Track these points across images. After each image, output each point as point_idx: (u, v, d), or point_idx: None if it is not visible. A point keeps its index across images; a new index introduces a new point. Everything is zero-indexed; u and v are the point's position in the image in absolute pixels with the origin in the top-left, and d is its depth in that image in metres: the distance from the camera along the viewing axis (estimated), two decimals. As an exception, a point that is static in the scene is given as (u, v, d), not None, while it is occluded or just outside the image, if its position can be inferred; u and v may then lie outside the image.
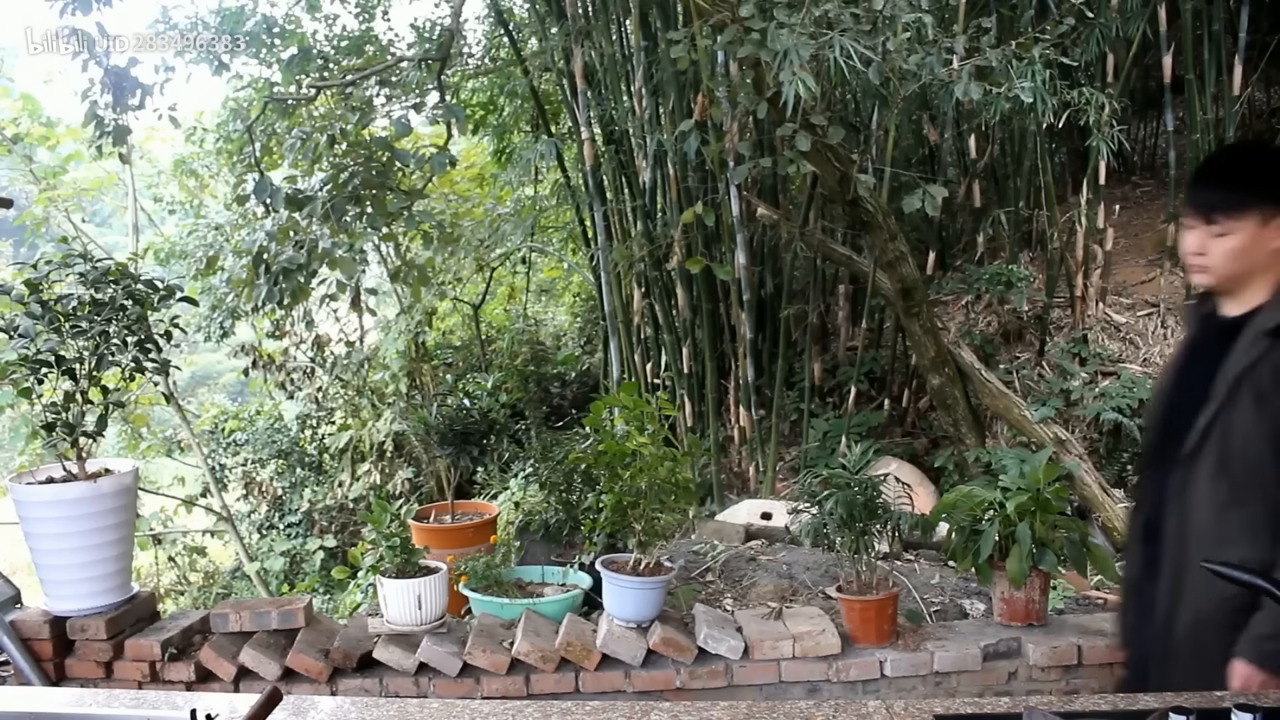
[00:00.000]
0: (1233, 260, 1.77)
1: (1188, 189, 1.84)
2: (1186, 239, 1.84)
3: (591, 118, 5.14)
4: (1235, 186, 1.77)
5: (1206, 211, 1.77)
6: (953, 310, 5.89)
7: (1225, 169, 1.85)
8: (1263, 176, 1.79)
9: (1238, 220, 1.75)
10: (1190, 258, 1.83)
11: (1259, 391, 1.71)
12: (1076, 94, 4.25)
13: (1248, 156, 1.88)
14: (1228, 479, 1.76)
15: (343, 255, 4.14)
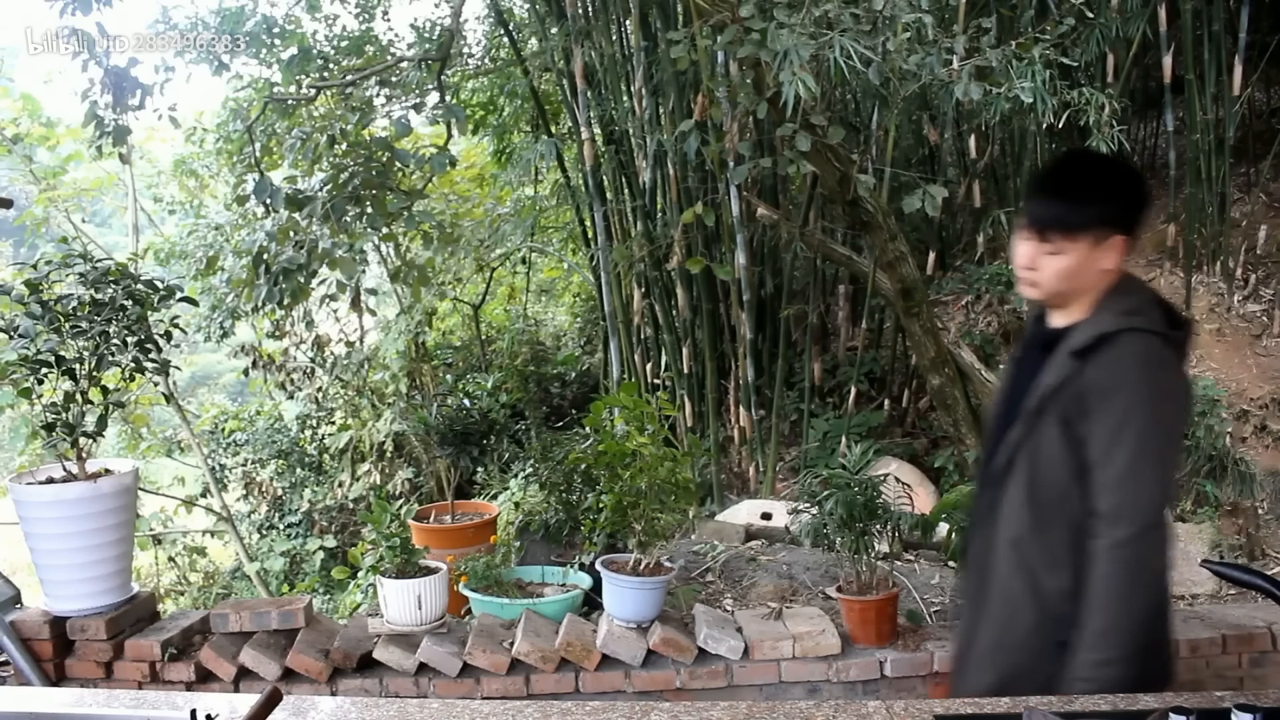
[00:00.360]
0: (1061, 279, 1.71)
1: (1025, 199, 1.75)
2: (1018, 249, 1.76)
3: (591, 118, 5.14)
4: (1073, 207, 1.69)
5: (1041, 228, 1.70)
6: (953, 310, 5.89)
7: (1065, 186, 1.74)
8: (1100, 198, 1.71)
9: (1072, 241, 1.68)
10: (1020, 270, 1.76)
11: (1063, 414, 1.66)
12: (1076, 94, 4.25)
13: (1088, 173, 1.77)
14: (1034, 503, 1.70)
15: (343, 255, 4.14)
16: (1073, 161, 1.86)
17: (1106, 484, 1.61)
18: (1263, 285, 5.60)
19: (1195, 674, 2.81)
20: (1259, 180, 5.96)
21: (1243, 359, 5.28)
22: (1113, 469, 1.60)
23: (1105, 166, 1.83)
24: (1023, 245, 1.74)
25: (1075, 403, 1.65)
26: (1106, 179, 1.74)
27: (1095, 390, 1.63)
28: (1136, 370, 1.63)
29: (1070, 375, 1.66)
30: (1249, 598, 3.69)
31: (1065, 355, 1.68)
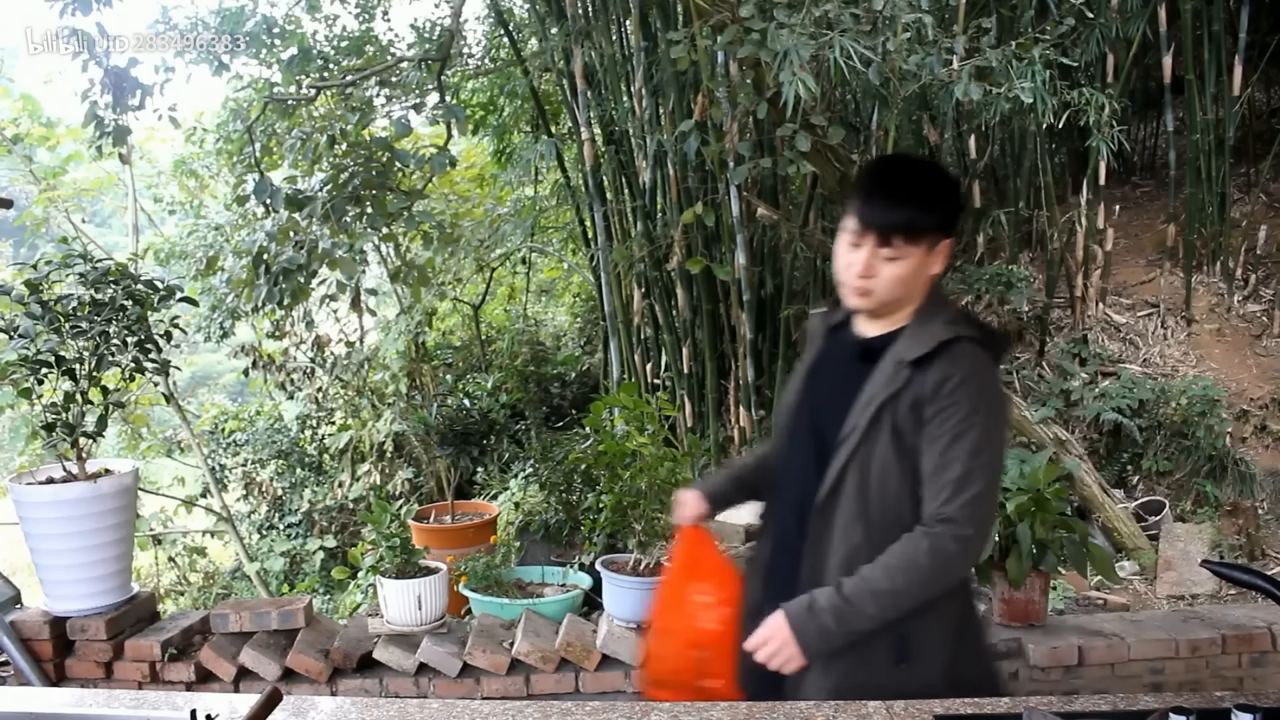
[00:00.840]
0: (898, 286, 1.65)
1: (860, 204, 1.63)
2: (853, 257, 1.65)
3: (591, 118, 5.14)
4: (918, 210, 1.62)
5: (886, 233, 1.61)
6: (953, 310, 5.89)
7: (907, 189, 1.64)
8: (941, 200, 1.66)
9: (914, 246, 1.62)
10: (854, 279, 1.65)
11: (898, 425, 1.61)
12: (1076, 94, 4.25)
13: (923, 177, 1.68)
14: (865, 522, 1.63)
15: (343, 255, 4.14)
16: (903, 166, 1.75)
17: (947, 488, 1.58)
18: (1263, 285, 5.61)
19: (1195, 674, 2.81)
20: (1259, 180, 5.97)
21: (1243, 359, 5.28)
22: (952, 474, 1.58)
23: (934, 170, 1.74)
24: (856, 252, 1.64)
25: (910, 413, 1.60)
26: (939, 183, 1.68)
27: (932, 400, 1.59)
28: (973, 380, 1.62)
29: (904, 385, 1.61)
30: (1249, 598, 3.70)
31: (897, 364, 1.63)
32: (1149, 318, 5.55)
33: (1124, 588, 4.08)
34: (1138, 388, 4.90)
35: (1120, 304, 5.67)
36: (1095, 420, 4.91)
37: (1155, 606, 3.94)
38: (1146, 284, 5.76)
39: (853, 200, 1.66)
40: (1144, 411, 4.87)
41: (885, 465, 1.62)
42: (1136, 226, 6.21)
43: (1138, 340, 5.43)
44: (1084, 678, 2.79)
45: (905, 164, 1.77)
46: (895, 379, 1.62)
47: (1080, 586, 3.96)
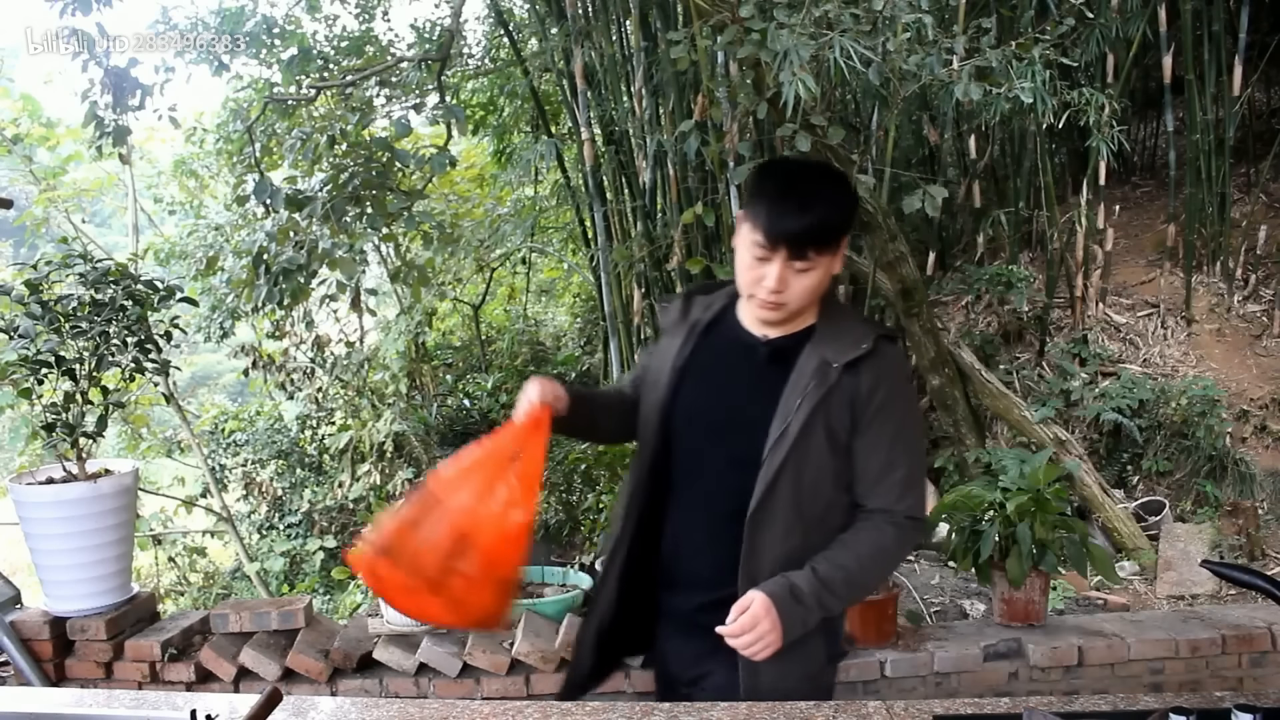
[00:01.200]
0: (810, 295, 1.61)
1: (767, 217, 1.54)
2: (762, 270, 1.57)
3: (591, 118, 5.14)
4: (828, 219, 1.57)
5: (801, 248, 1.54)
6: (953, 311, 5.90)
7: (814, 198, 1.56)
8: (846, 205, 1.62)
9: (827, 256, 1.58)
10: (766, 294, 1.58)
11: (831, 426, 1.59)
12: (1076, 94, 4.25)
13: (824, 182, 1.60)
14: (801, 525, 1.61)
15: (343, 255, 4.14)
16: (804, 171, 1.63)
17: (897, 486, 1.63)
18: (1263, 285, 5.61)
19: (1195, 674, 2.81)
20: (1259, 180, 5.97)
21: (1243, 359, 5.28)
22: (899, 473, 1.63)
23: (830, 171, 1.67)
24: (766, 266, 1.57)
25: (844, 414, 1.59)
26: (839, 183, 1.63)
27: (869, 402, 1.60)
28: (903, 379, 1.69)
29: (834, 386, 1.59)
30: (1249, 598, 3.70)
31: (823, 366, 1.60)
32: (1149, 318, 5.56)
33: (1124, 588, 4.08)
34: (1138, 388, 4.90)
35: (1120, 304, 5.68)
36: (1095, 420, 4.91)
37: (1155, 606, 3.94)
38: (1146, 284, 5.76)
39: (754, 211, 1.57)
40: (1144, 411, 4.87)
41: (820, 467, 1.61)
42: (1136, 226, 6.21)
43: (1138, 340, 5.43)
44: (1084, 678, 2.79)
45: (805, 169, 1.65)
46: (824, 381, 1.59)
47: (1080, 586, 3.96)
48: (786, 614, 1.54)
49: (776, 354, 1.66)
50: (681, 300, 1.82)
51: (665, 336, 1.80)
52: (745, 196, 1.65)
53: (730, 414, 1.67)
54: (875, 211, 4.25)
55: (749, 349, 1.69)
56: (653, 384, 1.76)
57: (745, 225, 1.60)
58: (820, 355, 1.62)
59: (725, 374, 1.71)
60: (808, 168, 1.66)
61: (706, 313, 1.76)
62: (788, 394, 1.61)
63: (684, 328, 1.76)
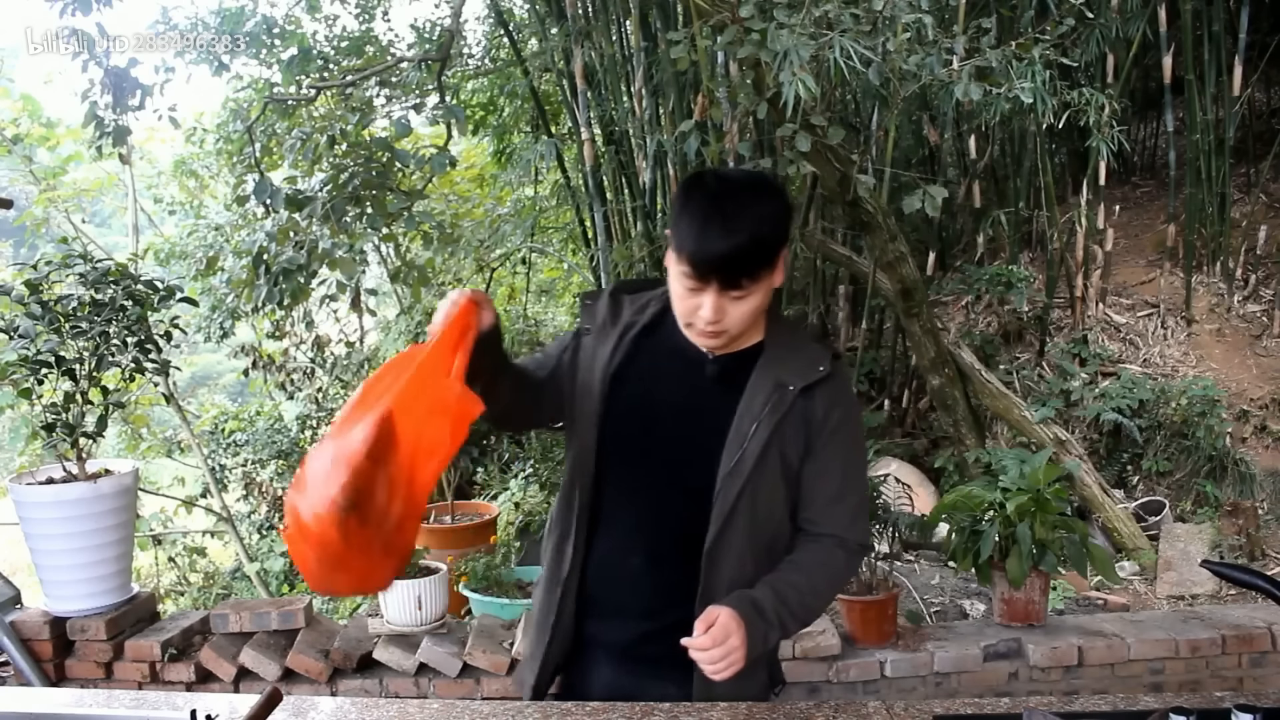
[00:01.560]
0: (752, 318, 1.50)
1: (692, 250, 1.41)
2: (697, 301, 1.45)
3: (591, 118, 5.14)
4: (761, 245, 1.43)
5: (735, 280, 1.43)
6: (953, 311, 5.90)
7: (744, 223, 1.42)
8: (778, 221, 1.47)
9: (763, 280, 1.46)
10: (703, 325, 1.47)
11: (785, 452, 1.52)
12: (1076, 94, 4.26)
13: (753, 199, 1.45)
14: (754, 552, 1.55)
15: (343, 256, 4.14)
16: (726, 189, 1.46)
17: (849, 512, 1.58)
18: (1263, 285, 5.61)
19: (1195, 674, 2.81)
20: (1259, 180, 5.97)
21: (1243, 359, 5.28)
22: (853, 499, 1.59)
23: (755, 183, 1.50)
24: (699, 296, 1.45)
25: (798, 438, 1.53)
26: (769, 197, 1.47)
27: (823, 428, 1.54)
28: (854, 402, 1.63)
29: (789, 410, 1.51)
30: (1249, 598, 3.70)
31: (777, 389, 1.52)
32: (1149, 318, 5.56)
33: (1124, 588, 4.08)
34: (1138, 388, 4.90)
35: (1120, 304, 5.68)
36: (1095, 420, 4.91)
37: (1155, 607, 3.94)
38: (1146, 284, 5.76)
39: (677, 238, 1.44)
40: (1144, 412, 4.87)
41: (773, 494, 1.54)
42: (1136, 226, 6.21)
43: (1138, 340, 5.43)
44: (1084, 678, 2.80)
45: (728, 186, 1.47)
46: (780, 405, 1.51)
47: (1080, 586, 3.96)
48: (751, 629, 1.45)
49: (725, 373, 1.56)
50: (609, 298, 1.66)
51: (591, 338, 1.63)
52: (669, 216, 1.50)
53: (675, 435, 1.57)
54: (875, 211, 4.25)
55: (693, 364, 1.57)
56: (583, 391, 1.60)
57: (672, 253, 1.47)
58: (774, 377, 1.53)
59: (667, 388, 1.59)
60: (731, 183, 1.48)
61: (640, 315, 1.63)
62: (740, 419, 1.51)
63: (614, 330, 1.62)
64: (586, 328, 1.64)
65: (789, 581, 1.53)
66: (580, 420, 1.60)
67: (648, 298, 1.66)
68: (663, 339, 1.60)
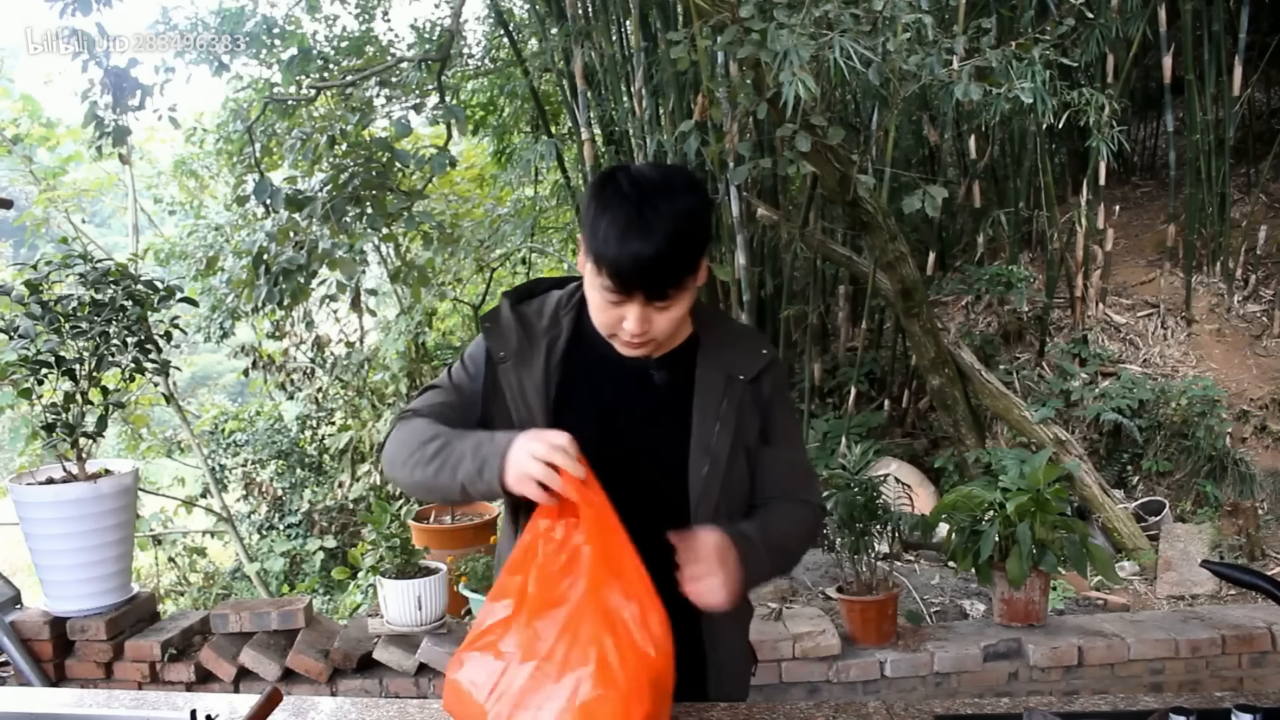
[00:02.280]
0: (680, 322, 1.42)
1: (610, 263, 1.31)
2: (619, 313, 1.37)
3: (591, 118, 5.14)
4: (683, 255, 1.34)
5: (661, 291, 1.34)
6: (953, 311, 5.90)
7: (664, 234, 1.31)
8: (700, 226, 1.38)
9: (689, 286, 1.38)
10: (629, 337, 1.39)
11: (746, 440, 1.49)
12: (1076, 94, 4.25)
13: (674, 204, 1.33)
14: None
15: (343, 256, 4.15)
16: (642, 191, 1.33)
17: (804, 476, 1.60)
18: (1263, 285, 5.61)
19: (1195, 674, 2.81)
20: (1259, 180, 5.97)
21: (1243, 359, 5.28)
22: (801, 464, 1.61)
23: (673, 181, 1.38)
24: (621, 308, 1.36)
25: (753, 425, 1.51)
26: (686, 193, 1.36)
27: (770, 407, 1.53)
28: (785, 371, 1.66)
29: (742, 400, 1.49)
30: (1249, 598, 3.70)
31: (730, 381, 1.47)
32: (1149, 318, 5.56)
33: (1124, 588, 4.08)
34: (1138, 388, 4.90)
35: (1120, 304, 5.68)
36: (1095, 420, 4.91)
37: (1155, 607, 3.94)
38: (1146, 284, 5.76)
39: (595, 251, 1.33)
40: (1144, 412, 4.87)
41: (742, 485, 1.51)
42: (1136, 226, 6.21)
43: (1138, 340, 5.43)
44: (1084, 678, 2.80)
45: (642, 187, 1.34)
46: (734, 397, 1.48)
47: (1080, 586, 3.96)
48: (743, 554, 1.37)
49: (671, 376, 1.49)
50: (513, 316, 1.52)
51: (510, 365, 1.49)
52: (581, 223, 1.39)
53: (637, 452, 1.47)
54: (875, 211, 4.25)
55: (637, 374, 1.48)
56: (525, 422, 1.46)
57: (589, 264, 1.36)
58: (722, 369, 1.48)
59: (617, 407, 1.49)
60: (645, 184, 1.35)
61: (556, 328, 1.51)
62: (701, 420, 1.46)
63: (535, 352, 1.49)
64: (501, 354, 1.50)
65: (767, 521, 1.49)
66: None
67: (551, 304, 1.54)
68: (593, 350, 1.49)
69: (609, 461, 1.41)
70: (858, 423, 5.14)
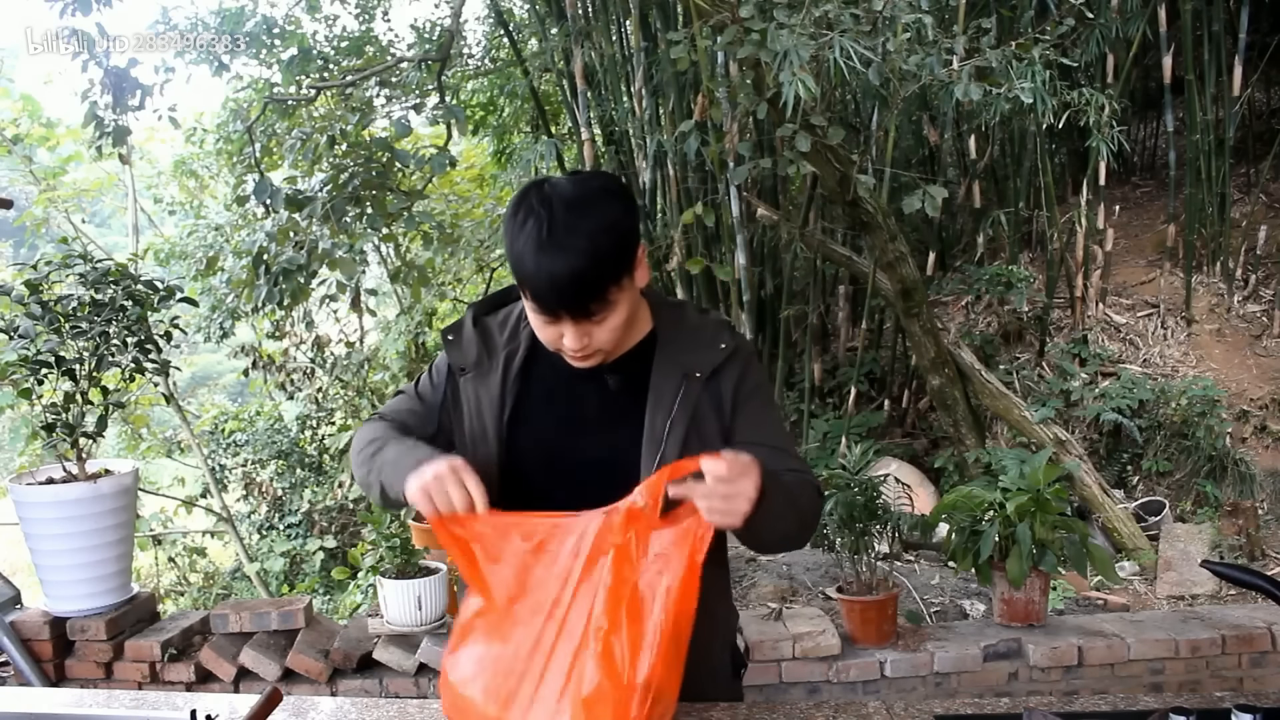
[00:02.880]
0: (621, 330, 1.39)
1: (533, 286, 1.29)
2: (557, 330, 1.35)
3: (591, 118, 5.14)
4: (605, 266, 1.30)
5: (585, 310, 1.31)
6: (953, 311, 5.90)
7: (585, 244, 1.28)
8: (622, 228, 1.33)
9: (621, 294, 1.34)
10: (573, 353, 1.37)
11: (703, 440, 1.42)
12: (1076, 94, 4.25)
13: (591, 210, 1.30)
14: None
15: (343, 256, 4.15)
16: (560, 211, 1.29)
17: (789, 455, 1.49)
18: (1263, 285, 5.61)
19: (1195, 674, 2.81)
20: (1259, 180, 5.97)
21: (1243, 359, 5.28)
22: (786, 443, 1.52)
23: (589, 192, 1.33)
24: (557, 326, 1.34)
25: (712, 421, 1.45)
26: (604, 203, 1.32)
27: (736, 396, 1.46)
28: (757, 364, 1.54)
29: (699, 397, 1.43)
30: (1249, 598, 3.70)
31: (686, 379, 1.43)
32: (1149, 318, 5.56)
33: (1124, 588, 4.08)
34: (1138, 388, 4.90)
35: (1120, 304, 5.68)
36: (1095, 420, 4.91)
37: (1155, 607, 3.94)
38: (1146, 284, 5.76)
39: (514, 272, 1.31)
40: (1144, 412, 4.88)
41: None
42: (1136, 226, 6.21)
43: (1138, 340, 5.43)
44: (1084, 678, 2.79)
45: (559, 207, 1.29)
46: (690, 394, 1.43)
47: (1080, 586, 3.96)
48: (768, 481, 1.29)
49: (628, 378, 1.45)
50: (473, 330, 1.50)
51: (469, 378, 1.48)
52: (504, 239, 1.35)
53: (595, 459, 1.45)
54: (875, 211, 4.25)
55: (592, 380, 1.45)
56: (476, 437, 1.46)
57: (519, 283, 1.33)
58: (678, 365, 1.44)
59: (573, 414, 1.47)
60: (559, 199, 1.30)
61: (515, 342, 1.49)
62: (652, 417, 1.42)
63: (493, 366, 1.48)
64: (461, 368, 1.49)
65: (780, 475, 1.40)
66: (477, 460, 1.43)
67: (514, 315, 1.52)
68: (550, 363, 1.46)
69: (570, 470, 1.42)
70: (858, 423, 5.14)
